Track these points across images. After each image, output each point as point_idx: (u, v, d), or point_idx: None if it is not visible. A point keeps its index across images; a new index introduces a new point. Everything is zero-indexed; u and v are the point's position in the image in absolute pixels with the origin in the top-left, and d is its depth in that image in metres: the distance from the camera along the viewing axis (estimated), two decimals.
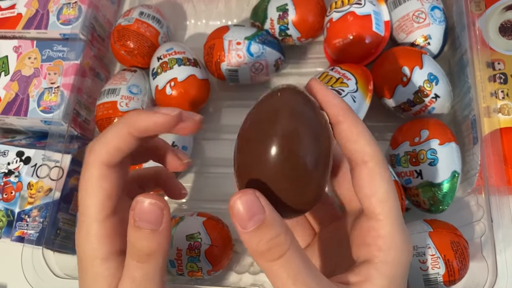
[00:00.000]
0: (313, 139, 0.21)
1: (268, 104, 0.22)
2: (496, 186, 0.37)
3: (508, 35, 0.45)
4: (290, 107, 0.21)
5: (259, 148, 0.21)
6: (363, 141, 0.22)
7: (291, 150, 0.20)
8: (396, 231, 0.22)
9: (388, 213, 0.22)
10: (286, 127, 0.20)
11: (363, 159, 0.22)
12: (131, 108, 0.45)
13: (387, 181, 0.22)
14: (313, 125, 0.21)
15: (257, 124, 0.21)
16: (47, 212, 0.41)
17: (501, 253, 0.36)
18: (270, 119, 0.21)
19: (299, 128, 0.21)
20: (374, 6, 0.44)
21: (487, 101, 0.40)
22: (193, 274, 0.40)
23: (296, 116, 0.21)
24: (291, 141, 0.20)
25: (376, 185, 0.22)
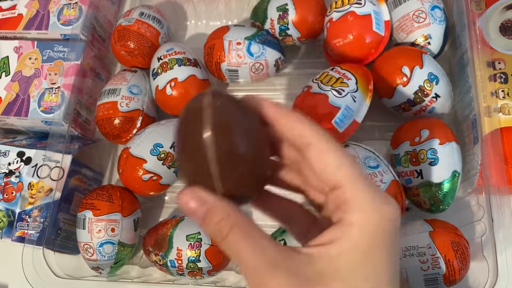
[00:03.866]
0: (243, 130, 0.22)
1: (196, 104, 0.22)
2: (497, 186, 0.37)
3: (509, 35, 0.45)
4: (215, 104, 0.22)
5: (193, 144, 0.22)
6: (301, 126, 0.23)
7: (221, 141, 0.21)
8: (361, 193, 0.21)
9: (347, 177, 0.22)
10: (213, 122, 0.21)
11: (306, 142, 0.23)
12: (132, 108, 0.45)
13: (336, 151, 0.22)
14: (240, 117, 0.22)
15: (188, 123, 0.22)
16: (47, 212, 0.41)
17: (501, 253, 0.36)
18: (199, 117, 0.21)
19: (225, 120, 0.21)
20: (374, 5, 0.44)
21: (487, 100, 0.40)
22: (194, 274, 0.40)
23: (221, 111, 0.22)
24: (216, 135, 0.21)
25: (325, 157, 0.22)
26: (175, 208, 0.48)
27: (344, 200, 0.22)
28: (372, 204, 0.21)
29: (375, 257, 0.21)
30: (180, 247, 0.40)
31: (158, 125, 0.45)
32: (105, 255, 0.41)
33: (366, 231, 0.21)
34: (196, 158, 0.22)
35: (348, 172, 0.22)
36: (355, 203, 0.21)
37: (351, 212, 0.21)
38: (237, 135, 0.22)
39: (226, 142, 0.21)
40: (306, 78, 0.46)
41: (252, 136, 0.22)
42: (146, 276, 0.44)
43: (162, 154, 0.42)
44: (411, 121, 0.42)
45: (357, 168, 0.22)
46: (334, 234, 0.21)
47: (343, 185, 0.22)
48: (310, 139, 0.23)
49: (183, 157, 0.23)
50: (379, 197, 0.22)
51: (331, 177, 0.22)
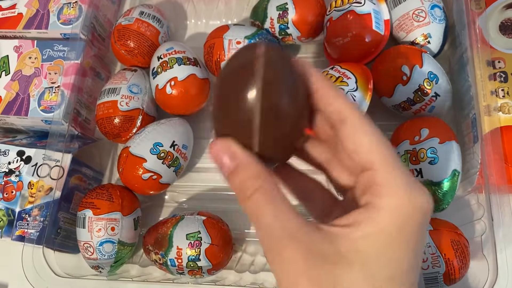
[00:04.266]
0: (292, 91, 0.21)
1: (244, 56, 0.22)
2: (497, 185, 0.37)
3: (509, 34, 0.45)
4: (268, 61, 0.21)
5: (234, 96, 0.21)
6: (338, 102, 0.22)
7: (264, 97, 0.20)
8: (394, 178, 0.20)
9: (381, 160, 0.21)
10: (259, 76, 0.21)
11: (341, 118, 0.22)
12: (131, 107, 0.46)
13: (371, 131, 0.21)
14: (290, 78, 0.22)
15: (236, 75, 0.22)
16: (47, 211, 0.41)
17: (501, 252, 0.36)
18: (245, 69, 0.21)
19: (276, 79, 0.21)
20: (374, 4, 0.44)
21: (487, 99, 0.40)
22: (193, 273, 0.40)
23: (273, 69, 0.21)
24: (264, 90, 0.20)
25: (359, 137, 0.21)
26: (175, 207, 0.48)
27: (375, 183, 0.21)
28: (405, 190, 0.20)
29: (400, 246, 0.20)
30: (180, 246, 0.40)
31: (158, 124, 0.45)
32: (105, 254, 0.41)
33: (395, 218, 0.20)
34: (239, 110, 0.21)
35: (383, 153, 0.21)
36: (387, 187, 0.20)
37: (382, 196, 0.20)
38: (285, 96, 0.21)
39: (274, 100, 0.20)
40: None
41: (297, 100, 0.22)
42: (146, 275, 0.44)
43: (162, 153, 0.42)
44: (411, 120, 0.42)
45: (391, 151, 0.21)
46: (360, 216, 0.20)
47: (375, 167, 0.21)
48: (347, 115, 0.22)
49: (223, 108, 0.22)
50: (413, 185, 0.21)
51: (363, 157, 0.21)
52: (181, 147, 0.44)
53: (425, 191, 0.21)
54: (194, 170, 0.49)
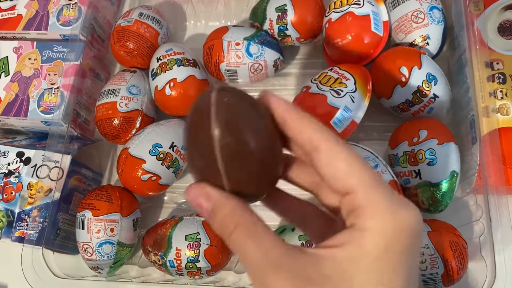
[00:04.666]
0: (250, 127, 0.21)
1: (203, 101, 0.22)
2: (495, 186, 0.37)
3: (507, 35, 0.45)
4: (222, 101, 0.21)
5: (200, 141, 0.22)
6: (310, 129, 0.22)
7: (227, 139, 0.21)
8: (375, 198, 0.20)
9: (359, 183, 0.20)
10: (219, 118, 0.21)
11: (314, 145, 0.22)
12: (131, 109, 0.46)
13: (347, 155, 0.21)
14: (248, 114, 0.22)
15: (196, 120, 0.22)
16: (47, 212, 0.41)
17: (499, 253, 0.36)
18: (205, 114, 0.21)
19: (231, 117, 0.21)
20: (373, 6, 0.44)
21: (486, 101, 0.40)
22: (193, 274, 0.40)
23: (227, 108, 0.21)
24: (225, 131, 0.21)
25: (335, 163, 0.21)
26: (174, 208, 0.48)
27: (357, 206, 0.20)
28: (388, 210, 0.20)
29: (387, 268, 0.20)
30: (179, 247, 0.40)
31: (157, 125, 0.45)
32: (104, 255, 0.41)
33: (379, 239, 0.20)
34: (204, 154, 0.21)
35: (361, 176, 0.21)
36: (369, 208, 0.20)
37: (365, 218, 0.20)
38: (244, 133, 0.21)
39: (232, 140, 0.21)
40: (305, 79, 0.46)
41: (261, 134, 0.22)
42: (145, 276, 0.45)
43: (161, 154, 0.42)
44: (410, 121, 0.42)
45: (369, 172, 0.21)
46: (345, 238, 0.20)
47: (355, 191, 0.21)
48: (319, 143, 0.21)
49: (192, 152, 0.22)
50: (396, 202, 0.20)
51: (342, 182, 0.21)
52: (180, 148, 0.44)
53: (411, 207, 0.21)
54: None
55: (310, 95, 0.42)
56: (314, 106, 0.41)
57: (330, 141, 0.21)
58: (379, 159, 0.40)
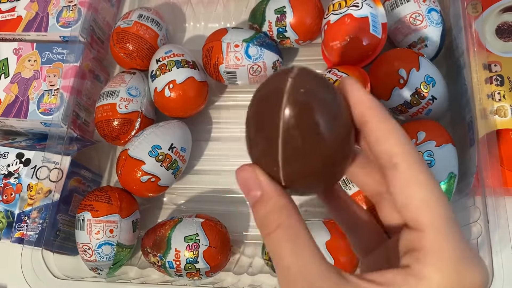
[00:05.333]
0: (321, 126, 0.19)
1: (277, 84, 0.20)
2: (493, 188, 0.37)
3: (505, 37, 0.45)
4: (297, 91, 0.19)
5: (264, 126, 0.20)
6: (392, 141, 0.19)
7: (292, 135, 0.19)
8: (444, 246, 0.18)
9: (431, 222, 0.18)
10: (289, 112, 0.19)
11: (392, 161, 0.19)
12: (130, 110, 0.46)
13: (425, 184, 0.18)
14: (325, 101, 0.19)
15: (264, 102, 0.20)
16: (46, 213, 0.41)
17: (497, 255, 0.36)
18: (276, 101, 0.19)
19: (308, 101, 0.19)
20: (372, 8, 0.44)
21: (483, 103, 0.40)
22: (192, 275, 0.40)
23: (300, 101, 0.19)
24: (292, 127, 0.19)
25: (410, 190, 0.18)
26: (173, 209, 0.48)
27: (421, 247, 0.18)
28: (454, 264, 0.17)
29: None
30: (178, 248, 0.40)
31: (157, 127, 0.45)
32: (103, 256, 0.41)
33: None
34: (266, 141, 0.19)
35: (435, 213, 0.18)
36: (434, 255, 0.18)
37: (426, 264, 0.18)
38: (313, 129, 0.19)
39: (298, 133, 0.18)
40: None
41: (332, 132, 0.19)
42: (145, 277, 0.45)
43: (161, 156, 0.42)
44: (408, 123, 0.42)
45: (446, 211, 0.18)
46: (396, 279, 0.18)
47: (424, 228, 0.18)
48: (399, 160, 0.19)
49: (252, 133, 0.20)
50: (465, 256, 0.18)
51: (412, 214, 0.18)
52: (179, 150, 0.44)
53: (481, 267, 0.18)
54: (192, 172, 0.49)
55: None
56: None
57: (412, 162, 0.19)
58: None
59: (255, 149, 0.21)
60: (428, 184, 0.18)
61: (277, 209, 0.19)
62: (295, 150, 0.19)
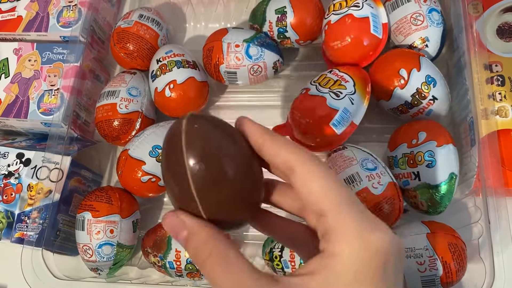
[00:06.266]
0: (223, 154, 0.21)
1: (174, 129, 0.22)
2: (494, 188, 0.37)
3: (506, 37, 0.45)
4: (192, 128, 0.21)
5: (174, 169, 0.22)
6: (284, 152, 0.22)
7: (197, 166, 0.21)
8: (345, 222, 0.20)
9: (331, 205, 0.20)
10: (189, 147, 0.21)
11: (289, 167, 0.22)
12: (130, 110, 0.46)
13: (320, 177, 0.21)
14: (220, 141, 0.22)
15: (169, 148, 0.22)
16: (46, 214, 0.41)
17: (498, 255, 0.36)
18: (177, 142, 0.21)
19: (202, 145, 0.21)
20: (372, 8, 0.44)
21: (484, 103, 0.40)
22: (192, 275, 0.40)
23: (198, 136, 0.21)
24: (195, 159, 0.21)
25: (308, 184, 0.21)
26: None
27: (328, 229, 0.20)
28: (357, 233, 0.20)
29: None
30: (179, 248, 0.40)
31: (157, 127, 0.45)
32: (104, 256, 0.41)
33: (349, 264, 0.19)
34: (179, 182, 0.21)
35: (333, 198, 0.21)
36: (339, 232, 0.20)
37: (334, 242, 0.20)
38: (216, 160, 0.21)
39: (203, 167, 0.21)
40: (304, 81, 0.47)
41: (235, 161, 0.22)
42: (145, 277, 0.45)
43: (161, 156, 0.42)
44: (409, 123, 0.42)
45: (343, 194, 0.21)
46: (316, 264, 0.20)
47: (327, 213, 0.20)
48: (294, 164, 0.21)
49: (168, 179, 0.23)
50: (367, 225, 0.20)
51: (316, 204, 0.21)
52: None
53: (383, 230, 0.20)
54: None
55: (309, 97, 0.42)
56: (314, 108, 0.41)
57: (305, 163, 0.21)
58: (378, 161, 0.40)
59: (173, 192, 0.22)
60: (323, 176, 0.21)
61: (203, 240, 0.21)
62: (205, 185, 0.21)
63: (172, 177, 0.22)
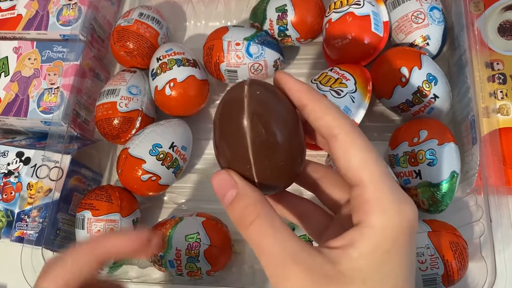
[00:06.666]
0: (280, 120, 0.22)
1: (236, 93, 0.23)
2: (495, 186, 0.37)
3: (507, 36, 0.45)
4: (254, 94, 0.22)
5: (231, 131, 0.22)
6: (329, 116, 0.22)
7: (259, 130, 0.21)
8: (383, 194, 0.21)
9: (370, 177, 0.21)
10: (252, 111, 0.22)
11: (332, 133, 0.22)
12: (131, 109, 0.46)
13: (362, 147, 0.22)
14: (278, 108, 0.23)
15: (228, 111, 0.23)
16: (46, 212, 0.41)
17: (500, 253, 0.36)
18: (238, 106, 0.22)
19: (263, 110, 0.22)
20: (373, 6, 0.44)
21: (486, 101, 0.40)
22: (192, 274, 0.40)
23: (259, 101, 0.22)
24: (258, 123, 0.21)
25: (350, 153, 0.22)
26: (174, 208, 0.48)
27: (365, 200, 0.21)
28: (394, 205, 0.21)
29: (395, 259, 0.21)
30: (179, 247, 0.40)
31: (157, 125, 0.45)
32: None
33: (387, 233, 0.21)
34: (235, 144, 0.22)
35: (372, 170, 0.21)
36: (376, 203, 0.21)
37: (372, 213, 0.21)
38: (274, 126, 0.22)
39: (263, 131, 0.21)
40: (305, 79, 0.46)
41: (288, 127, 0.22)
42: (145, 276, 0.44)
43: (161, 154, 0.42)
44: (410, 122, 0.42)
45: (381, 166, 0.22)
46: (355, 235, 0.21)
47: (365, 184, 0.21)
48: (337, 131, 0.22)
49: (221, 142, 0.23)
50: (400, 197, 0.21)
51: (354, 174, 0.22)
52: (180, 148, 0.44)
53: (412, 203, 0.22)
54: (193, 171, 0.49)
55: None
56: None
57: (347, 130, 0.22)
58: None
59: (225, 156, 0.23)
60: (364, 146, 0.22)
61: (253, 202, 0.22)
62: (262, 148, 0.22)
63: (227, 139, 0.23)
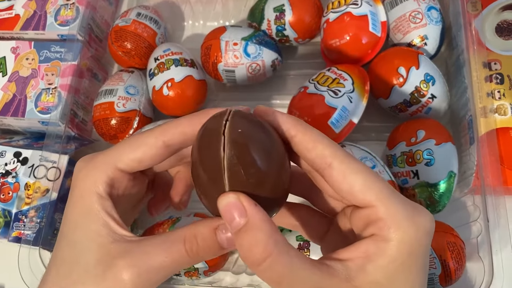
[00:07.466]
0: (264, 148, 0.22)
1: (215, 125, 0.22)
2: (493, 186, 0.37)
3: (505, 36, 0.45)
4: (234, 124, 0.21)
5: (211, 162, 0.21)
6: (320, 146, 0.22)
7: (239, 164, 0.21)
8: (396, 211, 0.21)
9: (378, 197, 0.21)
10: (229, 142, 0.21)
11: (326, 162, 0.22)
12: (128, 109, 0.45)
13: (360, 170, 0.22)
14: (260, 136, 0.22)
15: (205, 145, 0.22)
16: (44, 213, 0.41)
17: (497, 254, 0.36)
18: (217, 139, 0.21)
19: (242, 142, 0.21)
20: (371, 6, 0.44)
21: (483, 101, 0.40)
22: (190, 274, 0.40)
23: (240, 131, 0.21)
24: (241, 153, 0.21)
25: (350, 178, 0.22)
26: (171, 209, 0.48)
27: (378, 218, 0.21)
28: (408, 220, 0.21)
29: (412, 270, 0.21)
30: None
31: (155, 125, 0.45)
32: None
33: (404, 247, 0.21)
34: (217, 179, 0.21)
35: (377, 190, 0.22)
36: (390, 220, 0.21)
37: (387, 229, 0.21)
38: (256, 159, 0.21)
39: (243, 165, 0.21)
40: (302, 79, 0.46)
41: (273, 158, 0.22)
42: None
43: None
44: (407, 121, 0.42)
45: (385, 185, 0.22)
46: (369, 248, 0.21)
47: (374, 205, 0.21)
48: (330, 159, 0.22)
49: (203, 177, 0.22)
50: (413, 210, 0.22)
51: (359, 197, 0.22)
52: None
53: (426, 212, 0.22)
54: None
55: (308, 96, 0.42)
56: (312, 107, 0.41)
57: (343, 158, 0.22)
58: (377, 159, 0.40)
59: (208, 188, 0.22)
60: (361, 169, 0.22)
61: (264, 239, 0.20)
62: (240, 181, 0.21)
63: (209, 172, 0.22)
